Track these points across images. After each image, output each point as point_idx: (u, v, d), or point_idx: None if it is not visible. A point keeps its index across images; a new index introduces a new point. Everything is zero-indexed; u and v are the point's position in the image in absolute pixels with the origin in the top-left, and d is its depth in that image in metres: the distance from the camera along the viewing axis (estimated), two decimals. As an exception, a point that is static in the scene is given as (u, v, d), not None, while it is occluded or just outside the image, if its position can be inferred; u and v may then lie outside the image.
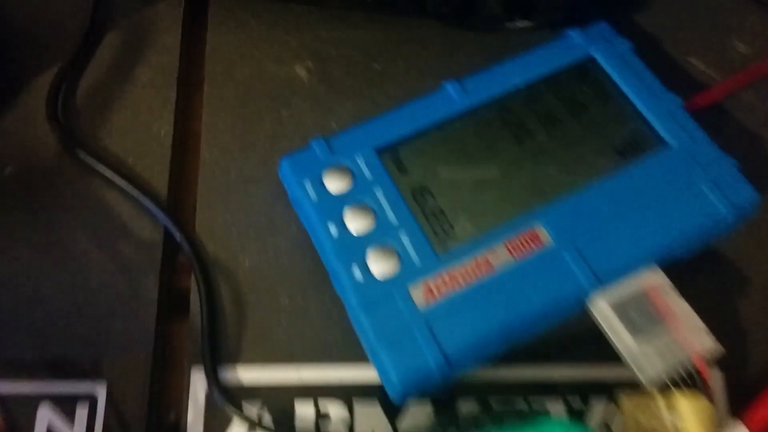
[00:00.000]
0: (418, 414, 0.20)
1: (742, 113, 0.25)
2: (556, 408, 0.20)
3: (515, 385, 0.21)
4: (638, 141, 0.22)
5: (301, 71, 0.26)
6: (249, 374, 0.21)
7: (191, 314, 0.21)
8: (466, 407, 0.20)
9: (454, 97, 0.22)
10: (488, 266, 0.20)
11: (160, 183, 0.23)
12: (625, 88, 0.22)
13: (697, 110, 0.23)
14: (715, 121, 0.24)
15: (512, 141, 0.22)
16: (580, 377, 0.21)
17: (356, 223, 0.20)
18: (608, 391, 0.21)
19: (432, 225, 0.20)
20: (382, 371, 0.19)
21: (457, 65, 0.25)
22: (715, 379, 0.21)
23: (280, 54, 0.26)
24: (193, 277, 0.22)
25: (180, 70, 0.26)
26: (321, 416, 0.20)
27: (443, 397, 0.20)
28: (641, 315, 0.20)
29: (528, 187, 0.21)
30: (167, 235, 0.23)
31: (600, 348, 0.19)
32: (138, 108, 0.25)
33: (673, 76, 0.26)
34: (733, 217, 0.20)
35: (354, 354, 0.21)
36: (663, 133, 0.21)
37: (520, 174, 0.21)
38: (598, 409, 0.20)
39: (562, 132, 0.22)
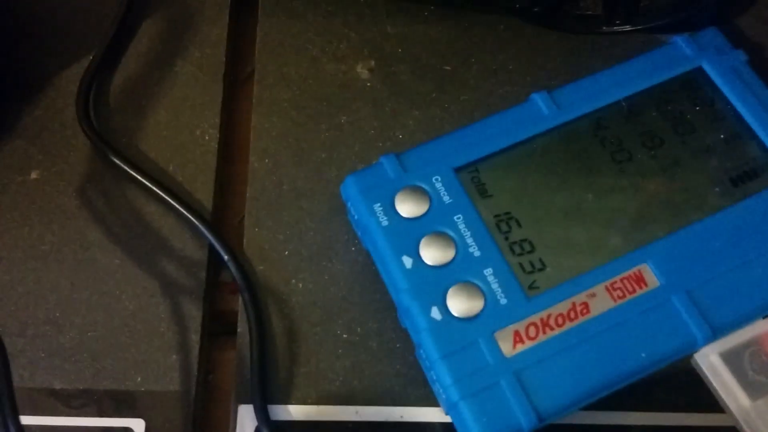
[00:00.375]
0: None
1: None
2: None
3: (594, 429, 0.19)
4: (755, 169, 0.19)
5: (362, 71, 0.23)
6: (301, 414, 0.19)
7: (238, 344, 0.19)
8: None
9: (543, 111, 0.20)
10: (586, 310, 0.17)
11: (204, 194, 0.21)
12: (739, 106, 0.20)
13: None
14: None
15: (611, 164, 0.19)
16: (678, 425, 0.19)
17: (434, 255, 0.18)
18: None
19: (519, 259, 0.18)
20: (461, 425, 0.17)
21: (541, 71, 0.23)
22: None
23: (339, 51, 0.23)
24: (240, 302, 0.20)
25: (226, 66, 0.23)
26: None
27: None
28: (759, 371, 0.17)
29: (630, 219, 0.18)
30: (212, 253, 0.20)
31: (694, 395, 0.17)
32: (179, 108, 0.22)
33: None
34: None
35: (420, 397, 0.18)
36: (784, 161, 0.19)
37: (621, 203, 0.19)
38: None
39: (667, 155, 0.19)
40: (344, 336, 0.19)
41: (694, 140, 0.20)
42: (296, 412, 0.19)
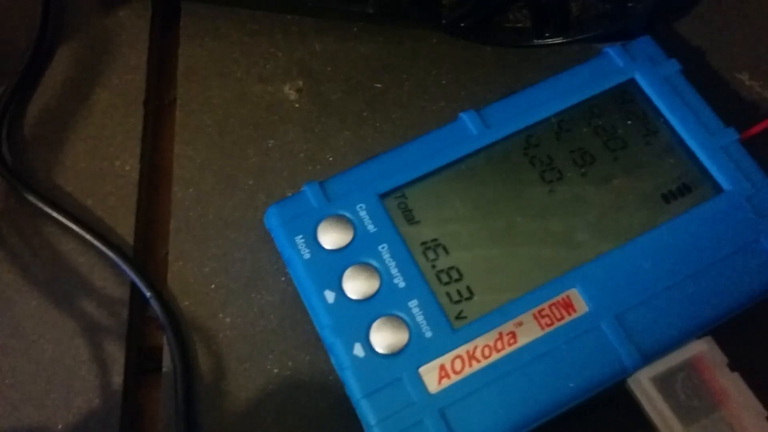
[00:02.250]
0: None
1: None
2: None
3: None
4: (688, 185, 0.19)
5: (290, 92, 0.23)
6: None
7: (163, 384, 0.19)
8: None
9: (472, 131, 0.20)
10: (513, 340, 0.17)
11: (126, 229, 0.21)
12: (672, 119, 0.20)
13: (751, 137, 0.21)
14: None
15: (541, 184, 0.19)
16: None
17: (357, 288, 0.18)
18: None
19: (446, 288, 0.18)
20: (387, 465, 0.17)
21: (476, 85, 0.23)
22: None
23: (265, 71, 0.23)
24: (165, 341, 0.20)
25: (147, 92, 0.23)
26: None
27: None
28: (690, 396, 0.17)
29: (560, 242, 0.18)
30: (134, 290, 0.20)
31: (635, 416, 0.17)
32: (98, 138, 0.22)
33: (724, 98, 0.23)
34: (797, 274, 0.18)
35: (357, 431, 0.19)
36: (716, 176, 0.19)
37: (550, 225, 0.19)
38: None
39: (599, 173, 0.19)
40: (275, 371, 0.19)
41: (626, 156, 0.20)
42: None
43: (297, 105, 0.23)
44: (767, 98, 0.24)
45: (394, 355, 0.17)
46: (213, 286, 0.20)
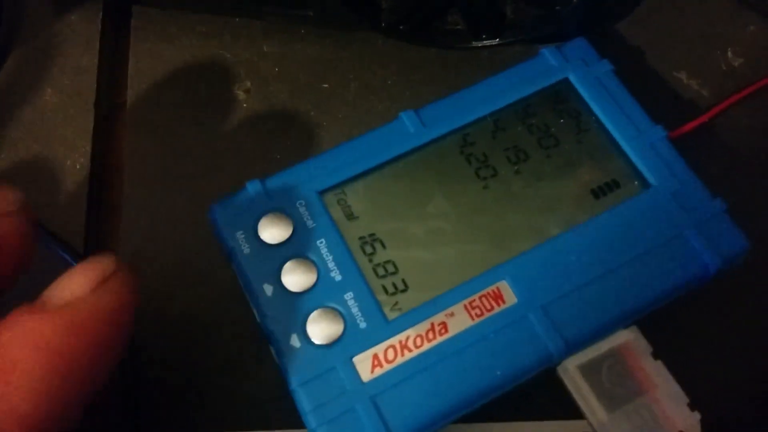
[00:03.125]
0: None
1: (733, 134, 0.24)
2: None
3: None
4: (616, 181, 0.20)
5: (239, 92, 0.24)
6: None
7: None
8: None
9: (410, 130, 0.20)
10: (444, 330, 0.18)
11: (76, 227, 0.21)
12: (603, 118, 0.21)
13: (683, 134, 0.22)
14: (702, 146, 0.23)
15: (475, 181, 0.20)
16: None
17: (295, 281, 0.19)
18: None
19: (382, 281, 0.19)
20: (321, 452, 0.17)
21: (421, 86, 0.24)
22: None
23: (214, 73, 0.24)
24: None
25: (98, 93, 0.23)
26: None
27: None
28: (616, 384, 0.18)
29: (492, 236, 0.19)
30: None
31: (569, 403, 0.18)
32: (48, 139, 0.23)
33: (660, 95, 0.24)
34: (719, 267, 0.19)
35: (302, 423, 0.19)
36: (644, 172, 0.20)
37: (483, 220, 0.20)
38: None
39: (531, 170, 0.20)
40: (220, 364, 0.20)
41: (558, 154, 0.21)
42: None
43: (245, 105, 0.23)
44: (705, 96, 0.25)
45: (330, 345, 0.18)
46: (163, 282, 0.21)
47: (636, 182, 0.20)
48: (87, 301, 0.14)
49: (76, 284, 0.14)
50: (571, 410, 0.18)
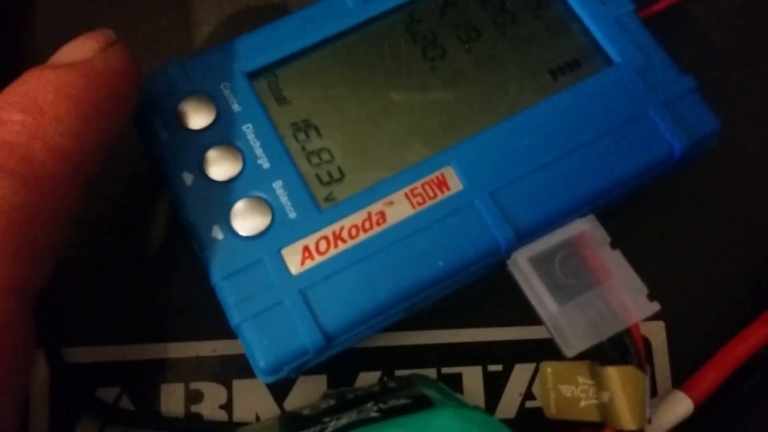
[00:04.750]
0: (309, 389, 0.18)
1: (708, 16, 0.22)
2: (472, 375, 0.19)
3: (425, 349, 0.19)
4: (577, 60, 0.18)
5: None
6: (99, 355, 0.18)
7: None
8: (368, 379, 0.18)
9: (349, 5, 0.19)
10: (382, 220, 0.17)
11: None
12: (565, -10, 0.19)
13: (653, 14, 0.20)
14: (673, 27, 0.21)
15: (422, 61, 0.18)
16: (500, 339, 0.19)
17: (218, 169, 0.17)
18: (532, 356, 0.19)
19: (316, 170, 0.17)
20: (247, 349, 0.16)
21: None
22: (659, 344, 0.19)
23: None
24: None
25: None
26: (193, 397, 0.18)
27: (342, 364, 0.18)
28: (569, 275, 0.17)
29: (438, 120, 0.18)
30: None
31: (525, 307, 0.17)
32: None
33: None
34: (686, 149, 0.18)
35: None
36: (607, 48, 0.18)
37: (429, 103, 0.18)
38: (520, 377, 0.19)
39: (484, 48, 0.19)
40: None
41: (513, 31, 0.19)
42: (92, 353, 0.18)
43: (173, -10, 0.21)
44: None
45: (256, 237, 0.17)
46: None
47: (598, 59, 0.18)
48: (99, 59, 0.15)
49: (88, 47, 0.15)
50: (531, 316, 0.18)
